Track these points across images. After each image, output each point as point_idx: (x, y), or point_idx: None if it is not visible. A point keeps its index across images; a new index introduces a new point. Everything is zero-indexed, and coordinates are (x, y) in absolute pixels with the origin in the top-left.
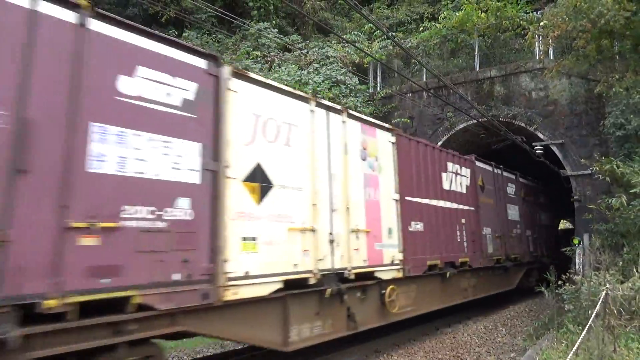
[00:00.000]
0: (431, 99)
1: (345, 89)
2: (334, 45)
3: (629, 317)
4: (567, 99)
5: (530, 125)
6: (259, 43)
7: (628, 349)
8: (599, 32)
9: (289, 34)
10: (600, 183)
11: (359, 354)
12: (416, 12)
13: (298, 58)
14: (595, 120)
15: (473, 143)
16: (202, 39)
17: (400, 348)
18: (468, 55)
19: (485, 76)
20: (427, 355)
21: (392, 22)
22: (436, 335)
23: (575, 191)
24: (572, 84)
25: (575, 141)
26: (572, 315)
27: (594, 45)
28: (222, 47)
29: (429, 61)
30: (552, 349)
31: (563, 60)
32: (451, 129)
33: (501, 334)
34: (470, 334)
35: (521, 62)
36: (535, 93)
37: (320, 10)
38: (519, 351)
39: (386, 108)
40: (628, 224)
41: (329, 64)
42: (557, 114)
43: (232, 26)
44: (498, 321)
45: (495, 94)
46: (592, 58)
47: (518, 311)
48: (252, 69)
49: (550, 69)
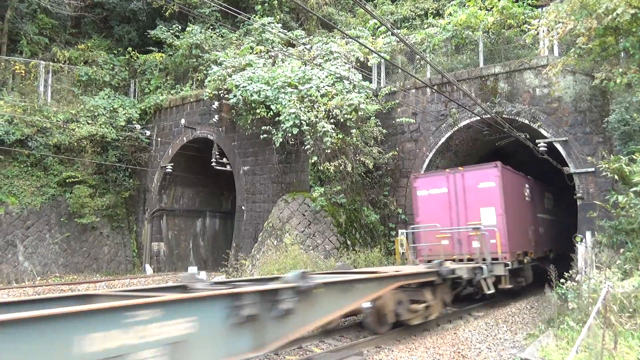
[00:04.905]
0: (435, 96)
1: (349, 84)
2: (337, 40)
3: (629, 314)
4: (571, 96)
5: (534, 122)
6: (263, 38)
7: (629, 346)
8: (603, 29)
9: (292, 29)
10: (603, 181)
11: (360, 349)
12: (421, 8)
13: (302, 53)
14: (599, 118)
15: (477, 140)
16: (205, 34)
17: (401, 343)
18: (472, 52)
19: (490, 73)
20: (427, 351)
21: (397, 17)
22: (437, 331)
23: (579, 189)
24: (576, 81)
25: (578, 138)
26: (573, 313)
27: (598, 42)
28: (226, 42)
29: (434, 57)
30: (552, 346)
31: (567, 58)
32: (454, 125)
33: (502, 330)
34: (471, 330)
35: (525, 59)
36: (539, 90)
37: (324, 5)
38: (520, 348)
39: (390, 105)
40: (632, 221)
41: (332, 60)
42: (561, 111)
43: (236, 21)
44: (499, 318)
45: (499, 90)
46: (596, 54)
47: (519, 308)
48: (256, 64)
49: (553, 65)
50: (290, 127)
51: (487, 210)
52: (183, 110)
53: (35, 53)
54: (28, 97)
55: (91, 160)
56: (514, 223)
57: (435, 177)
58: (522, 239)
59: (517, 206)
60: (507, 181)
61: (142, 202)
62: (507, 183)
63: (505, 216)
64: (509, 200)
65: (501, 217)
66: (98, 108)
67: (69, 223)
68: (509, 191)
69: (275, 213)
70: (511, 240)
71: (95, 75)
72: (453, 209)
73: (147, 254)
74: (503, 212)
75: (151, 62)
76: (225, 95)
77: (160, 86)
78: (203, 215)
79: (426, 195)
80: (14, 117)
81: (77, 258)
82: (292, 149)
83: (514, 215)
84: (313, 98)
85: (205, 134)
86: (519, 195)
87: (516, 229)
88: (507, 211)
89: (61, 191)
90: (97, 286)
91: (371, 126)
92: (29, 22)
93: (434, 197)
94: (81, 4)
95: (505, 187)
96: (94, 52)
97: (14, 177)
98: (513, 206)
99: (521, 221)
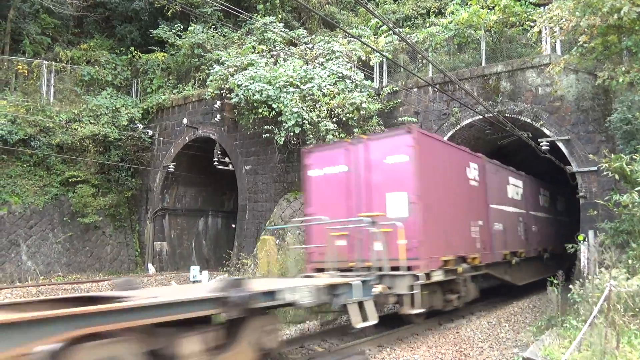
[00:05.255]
0: (437, 95)
1: (351, 84)
2: (339, 40)
3: (633, 314)
4: (573, 95)
5: (537, 121)
6: (265, 37)
7: (631, 345)
8: (606, 27)
9: (294, 28)
10: (606, 180)
11: (362, 348)
12: (422, 7)
13: (304, 52)
14: (602, 117)
15: (479, 139)
16: (207, 33)
17: (403, 342)
18: (474, 51)
19: (492, 71)
20: (430, 350)
21: (399, 16)
22: (439, 330)
23: (581, 188)
24: (578, 80)
25: (581, 137)
26: (576, 312)
27: (600, 40)
28: (228, 42)
29: (436, 56)
30: (555, 345)
31: (569, 56)
32: (457, 124)
33: (504, 329)
34: (474, 329)
35: (528, 58)
36: (541, 89)
37: (326, 4)
38: (522, 347)
39: (392, 103)
40: (634, 221)
41: (334, 59)
42: (563, 110)
43: (238, 20)
44: (501, 317)
45: (502, 89)
46: (599, 53)
47: (522, 307)
48: (258, 64)
49: (555, 64)
50: (293, 126)
51: (395, 197)
52: (185, 109)
53: (38, 53)
54: (31, 97)
55: (94, 159)
56: (442, 216)
57: (332, 151)
58: (459, 238)
59: (450, 192)
60: (428, 155)
61: (144, 201)
62: (430, 157)
63: (421, 205)
64: (432, 182)
65: (415, 206)
66: (100, 108)
67: (72, 222)
68: (432, 169)
69: (277, 212)
70: (432, 241)
71: (98, 75)
72: (353, 195)
73: (149, 253)
74: (418, 200)
75: (153, 62)
76: (227, 95)
77: (163, 86)
78: (205, 214)
79: (321, 176)
80: (16, 116)
81: (80, 257)
82: (294, 148)
83: (441, 205)
84: (315, 97)
85: (207, 133)
86: (456, 178)
87: (446, 225)
88: (426, 198)
89: (64, 191)
90: (99, 285)
91: (373, 125)
92: (31, 22)
93: (330, 178)
94: (83, 3)
95: (425, 162)
96: (97, 52)
97: (17, 176)
98: (441, 191)
99: (461, 214)
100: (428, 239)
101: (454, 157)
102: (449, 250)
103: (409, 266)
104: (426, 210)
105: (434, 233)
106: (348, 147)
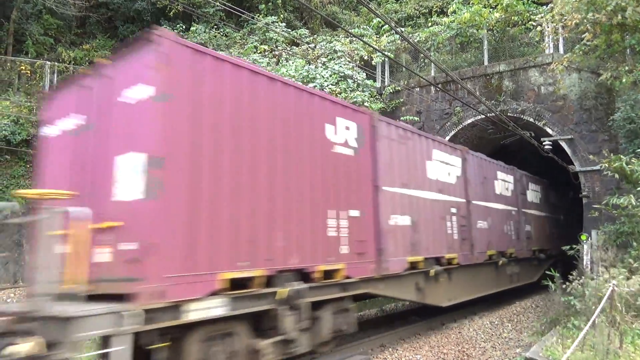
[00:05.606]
0: (439, 94)
1: (353, 83)
2: (341, 39)
3: (635, 313)
4: (576, 94)
5: (539, 121)
6: (267, 37)
7: (635, 345)
8: (609, 26)
9: (296, 28)
10: (609, 179)
11: (365, 348)
12: (425, 6)
13: (306, 52)
14: (605, 116)
15: (482, 138)
16: (209, 33)
17: (405, 342)
18: (477, 50)
19: (494, 71)
20: (432, 350)
21: (401, 16)
22: (442, 330)
23: (584, 187)
24: (581, 79)
25: (584, 137)
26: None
27: (604, 38)
28: (230, 41)
29: (438, 56)
30: (557, 345)
31: (572, 54)
32: (459, 124)
33: (507, 329)
34: (476, 329)
35: (530, 57)
36: (544, 88)
37: (328, 4)
38: (524, 347)
39: (394, 103)
40: (634, 222)
41: (336, 59)
42: (566, 109)
43: (240, 20)
44: (504, 317)
45: (504, 88)
46: (601, 51)
47: (524, 307)
48: (260, 63)
49: (558, 62)
50: None
51: (126, 162)
52: None
53: (41, 53)
54: (34, 97)
55: None
56: (242, 201)
57: (67, 93)
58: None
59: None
60: (208, 85)
61: None
62: (213, 91)
63: (176, 178)
64: (212, 137)
65: (158, 180)
66: None
67: None
68: (213, 114)
69: None
70: (194, 244)
71: None
72: (87, 163)
73: None
74: (165, 168)
75: None
76: None
77: None
78: None
79: (56, 135)
80: (19, 117)
81: None
82: None
83: (240, 181)
84: None
85: None
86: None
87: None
88: (192, 166)
89: None
90: None
91: None
92: (34, 22)
93: (65, 138)
94: (86, 4)
95: (194, 99)
96: (99, 52)
97: (20, 177)
98: (247, 158)
99: (307, 200)
100: (181, 239)
101: (290, 98)
102: (252, 259)
103: (123, 294)
104: (191, 188)
105: (204, 229)
106: (85, 83)
